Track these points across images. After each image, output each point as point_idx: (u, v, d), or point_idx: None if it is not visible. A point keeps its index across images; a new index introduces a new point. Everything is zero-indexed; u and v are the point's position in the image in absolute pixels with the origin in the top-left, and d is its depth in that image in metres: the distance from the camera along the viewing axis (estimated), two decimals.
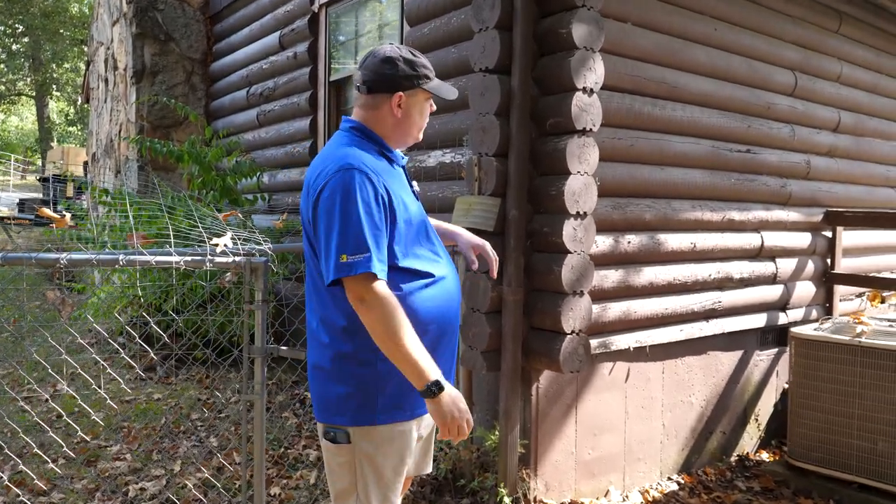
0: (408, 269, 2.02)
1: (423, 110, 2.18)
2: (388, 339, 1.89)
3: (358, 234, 1.88)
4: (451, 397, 1.92)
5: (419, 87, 2.11)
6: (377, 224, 1.92)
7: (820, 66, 5.06)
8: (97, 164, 8.82)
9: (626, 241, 3.87)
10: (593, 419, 3.92)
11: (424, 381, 1.89)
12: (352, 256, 1.87)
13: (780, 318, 4.87)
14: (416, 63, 2.10)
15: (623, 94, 3.80)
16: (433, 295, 2.07)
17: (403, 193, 2.07)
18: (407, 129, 2.15)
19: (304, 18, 5.74)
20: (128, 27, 7.18)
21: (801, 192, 4.95)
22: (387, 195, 1.96)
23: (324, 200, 1.94)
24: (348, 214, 1.89)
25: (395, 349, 1.89)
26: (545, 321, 3.50)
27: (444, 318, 2.12)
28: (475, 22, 3.53)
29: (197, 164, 5.55)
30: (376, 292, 1.88)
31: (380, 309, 1.88)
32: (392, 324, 1.88)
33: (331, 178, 1.95)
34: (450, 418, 1.91)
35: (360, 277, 1.87)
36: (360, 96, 2.14)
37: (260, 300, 2.48)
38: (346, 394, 2.02)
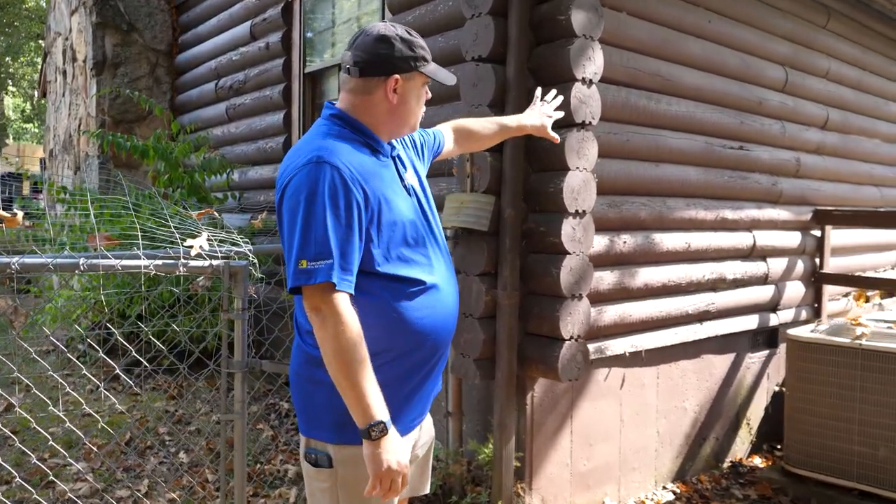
0: (392, 276, 1.79)
1: (420, 97, 1.95)
2: (337, 362, 1.66)
3: (321, 237, 1.66)
4: (393, 446, 1.69)
5: (417, 70, 1.88)
6: (346, 227, 1.69)
7: (809, 62, 4.96)
8: (55, 160, 8.41)
9: (621, 241, 3.69)
10: (589, 428, 3.73)
11: (368, 420, 1.66)
12: (312, 263, 1.65)
13: (772, 320, 4.75)
14: (413, 43, 1.88)
15: (619, 87, 3.63)
16: (424, 304, 1.84)
17: (389, 191, 1.83)
18: (403, 117, 1.92)
19: (276, 7, 5.46)
20: (87, 16, 6.81)
21: (791, 191, 4.84)
22: (362, 194, 1.73)
23: (288, 198, 1.73)
24: (312, 214, 1.67)
25: (343, 374, 1.66)
26: (542, 326, 3.30)
27: (438, 331, 1.89)
28: (467, 7, 3.32)
29: (163, 160, 5.24)
30: (334, 305, 1.66)
31: (334, 325, 1.65)
32: (345, 344, 1.65)
33: (297, 173, 1.72)
34: (384, 469, 1.69)
35: (318, 287, 1.66)
36: (350, 80, 1.89)
37: (240, 308, 2.23)
38: (326, 405, 1.81)
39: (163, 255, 2.17)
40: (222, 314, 2.24)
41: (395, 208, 1.81)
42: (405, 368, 1.85)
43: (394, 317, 1.79)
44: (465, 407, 3.65)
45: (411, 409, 1.91)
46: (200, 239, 2.18)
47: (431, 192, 2.07)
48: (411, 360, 1.85)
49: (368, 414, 1.66)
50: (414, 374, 1.88)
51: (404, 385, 1.86)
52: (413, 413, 1.92)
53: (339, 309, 1.66)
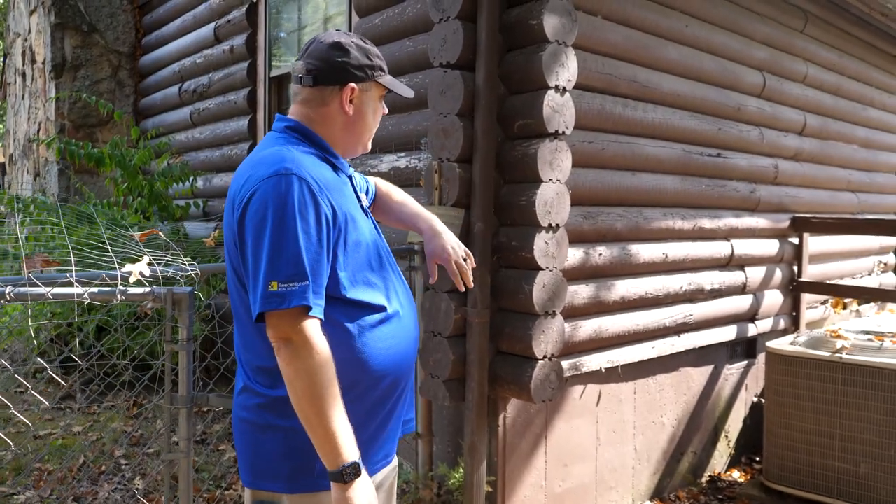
0: (357, 302, 1.63)
1: (377, 111, 1.81)
2: (307, 399, 1.49)
3: (294, 256, 1.49)
4: (365, 486, 1.54)
5: (374, 80, 1.74)
6: (316, 246, 1.53)
7: (787, 67, 4.88)
8: (15, 166, 8.12)
9: (597, 254, 3.56)
10: (564, 448, 3.60)
11: (340, 462, 1.50)
12: (284, 285, 1.48)
13: (750, 330, 4.66)
14: (370, 52, 1.75)
15: (594, 94, 3.50)
16: (389, 335, 1.69)
17: (353, 209, 1.69)
18: (358, 131, 1.78)
19: (241, 8, 5.27)
20: (46, 17, 6.56)
21: (769, 198, 4.75)
22: (331, 210, 1.58)
23: (252, 214, 1.54)
24: (283, 232, 1.50)
25: (314, 413, 1.49)
26: (514, 345, 3.15)
27: (402, 363, 1.75)
28: (434, 11, 3.16)
29: (120, 167, 5.02)
30: (307, 336, 1.49)
31: (308, 358, 1.48)
32: (318, 378, 1.48)
33: (261, 185, 1.55)
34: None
35: (290, 313, 1.48)
36: (302, 90, 1.74)
37: (185, 338, 2.06)
38: (280, 452, 1.62)
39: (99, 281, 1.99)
40: (165, 345, 2.06)
41: (359, 227, 1.68)
42: (368, 406, 1.69)
43: (355, 347, 1.63)
44: (436, 428, 3.49)
45: (378, 449, 1.76)
46: (140, 264, 2.00)
47: None
48: (372, 396, 1.69)
49: (341, 456, 1.50)
50: (377, 412, 1.72)
51: (369, 424, 1.71)
52: (380, 454, 1.78)
53: (314, 339, 1.50)
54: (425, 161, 3.50)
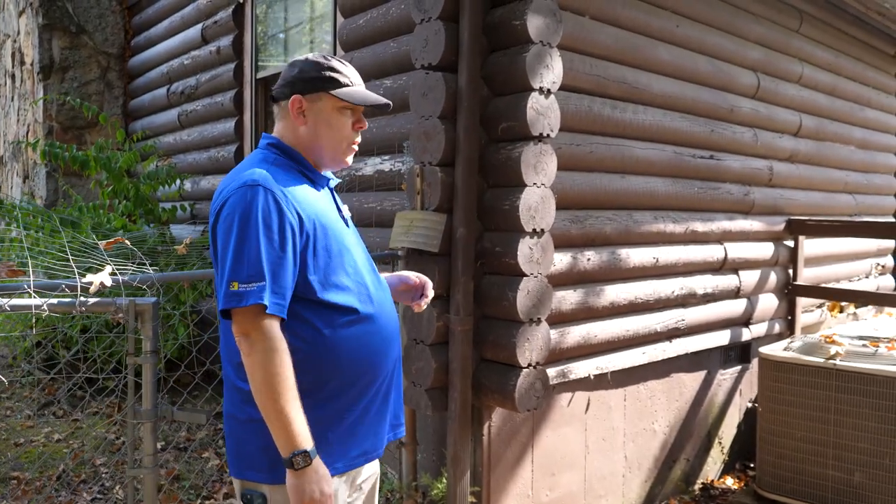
0: (328, 304, 1.75)
1: (336, 121, 1.85)
2: (263, 389, 1.62)
3: (254, 259, 1.64)
4: (317, 474, 1.66)
5: (323, 91, 1.83)
6: (279, 251, 1.67)
7: (782, 68, 4.80)
8: (5, 168, 8.06)
9: (585, 259, 3.49)
10: (551, 457, 3.53)
11: (292, 448, 1.63)
12: (244, 285, 1.63)
13: (744, 335, 4.58)
14: (322, 65, 1.85)
15: (581, 95, 3.43)
16: (360, 336, 1.79)
17: (326, 218, 1.80)
18: (320, 142, 1.85)
19: (227, 9, 5.19)
20: (34, 18, 6.49)
21: (763, 200, 4.68)
22: (297, 219, 1.71)
23: (222, 220, 1.71)
24: (245, 237, 1.65)
25: (269, 402, 1.62)
26: (498, 353, 3.08)
27: (377, 365, 1.84)
28: (416, 11, 3.09)
29: (105, 170, 4.94)
30: (264, 331, 1.63)
31: (263, 352, 1.62)
32: (271, 369, 1.62)
33: (231, 196, 1.71)
34: (308, 499, 1.65)
35: (249, 310, 1.63)
36: (274, 107, 1.92)
37: (149, 351, 1.99)
38: (260, 444, 1.72)
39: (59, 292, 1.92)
40: (128, 358, 1.99)
41: (332, 235, 1.79)
42: (343, 402, 1.79)
43: (330, 346, 1.75)
44: (420, 437, 3.42)
45: (354, 445, 1.83)
46: (102, 274, 1.93)
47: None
48: (349, 393, 1.79)
49: (292, 442, 1.63)
50: (352, 410, 1.80)
51: (343, 419, 1.80)
52: (355, 451, 1.84)
53: (269, 334, 1.63)
54: (409, 165, 3.43)
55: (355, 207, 3.76)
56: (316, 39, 4.49)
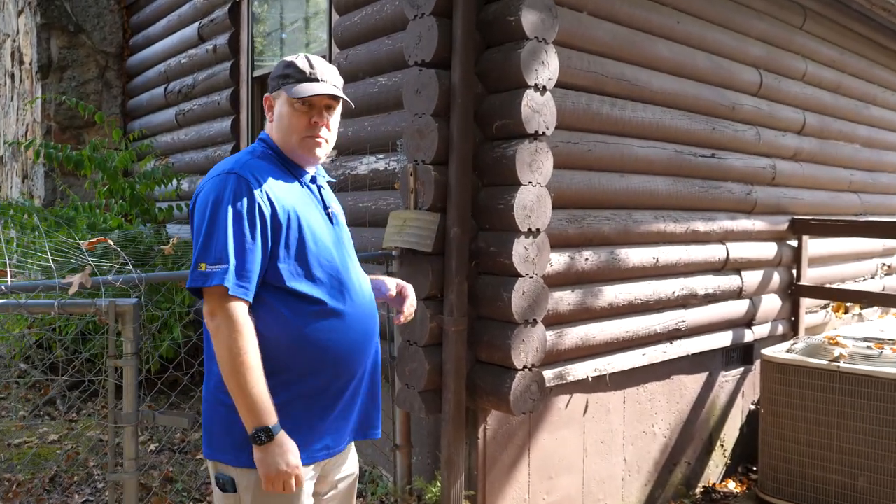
0: (296, 293, 1.81)
1: (290, 117, 1.90)
2: (228, 367, 1.69)
3: (221, 242, 1.71)
4: (281, 448, 1.72)
5: (281, 89, 1.91)
6: (248, 236, 1.74)
7: (785, 65, 4.73)
8: (5, 168, 8.04)
9: (583, 259, 3.43)
10: (549, 460, 3.47)
11: (255, 424, 1.69)
12: (210, 266, 1.71)
13: (746, 336, 4.51)
14: (288, 63, 1.93)
15: (579, 93, 3.37)
16: (327, 329, 1.84)
17: (305, 211, 1.87)
18: (282, 135, 1.92)
19: (224, 7, 5.15)
20: (33, 17, 6.46)
21: (766, 200, 4.61)
22: (269, 206, 1.78)
23: (197, 206, 1.81)
24: (215, 221, 1.73)
25: (234, 380, 1.69)
26: (493, 355, 3.03)
27: (345, 360, 1.88)
28: (409, 7, 3.04)
29: (101, 169, 4.91)
30: (228, 311, 1.70)
31: (227, 331, 1.69)
32: (235, 348, 1.68)
33: (207, 184, 1.81)
34: (274, 471, 1.71)
35: (215, 291, 1.70)
36: None
37: (130, 353, 1.94)
38: (229, 429, 1.80)
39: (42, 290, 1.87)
40: (108, 360, 1.94)
41: (308, 228, 1.84)
42: (306, 392, 1.83)
43: (294, 334, 1.79)
44: (415, 439, 3.37)
45: (316, 439, 1.87)
46: (81, 275, 1.89)
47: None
48: (312, 383, 1.83)
49: (256, 418, 1.69)
50: (316, 400, 1.85)
51: (305, 410, 1.84)
52: (318, 444, 1.87)
53: (234, 315, 1.69)
54: (404, 163, 3.38)
55: (350, 207, 3.71)
56: (312, 37, 4.44)
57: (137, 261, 3.89)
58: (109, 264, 2.05)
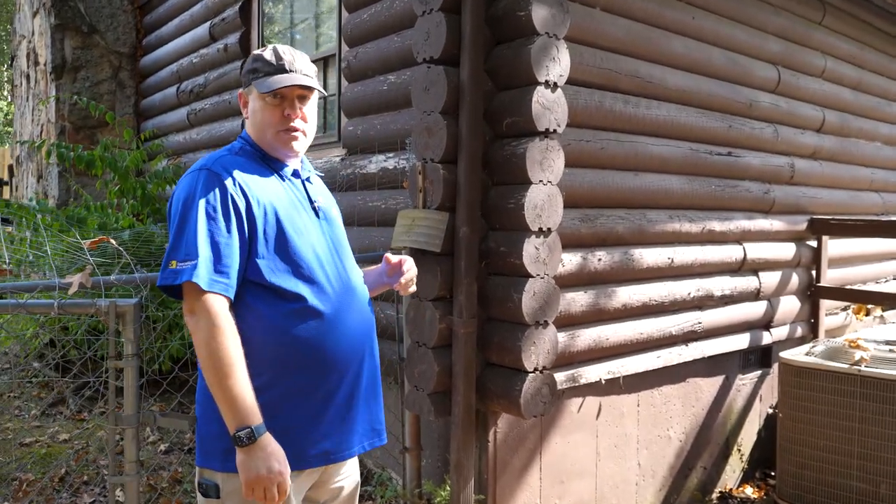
0: (275, 289, 1.74)
1: (263, 111, 1.85)
2: (208, 365, 1.62)
3: (191, 239, 1.66)
4: (264, 451, 1.63)
5: (251, 84, 1.87)
6: (223, 230, 1.68)
7: (803, 61, 4.64)
8: (21, 167, 8.09)
9: (596, 259, 3.36)
10: (561, 464, 3.41)
11: (237, 424, 1.61)
12: (181, 263, 1.65)
13: (764, 338, 4.42)
14: (256, 57, 1.89)
15: (591, 90, 3.30)
16: (310, 329, 1.76)
17: (285, 206, 1.80)
18: (259, 132, 1.87)
19: (234, 6, 5.14)
20: (47, 18, 6.49)
21: (784, 199, 4.51)
22: (244, 200, 1.72)
23: (171, 204, 1.78)
24: (187, 218, 1.69)
25: (214, 379, 1.62)
26: (503, 357, 2.97)
27: (333, 360, 1.80)
28: (418, 3, 2.99)
29: (112, 169, 4.91)
30: (207, 307, 1.63)
31: (206, 327, 1.62)
32: (216, 345, 1.61)
33: (182, 181, 1.78)
34: (254, 476, 1.62)
35: (190, 287, 1.64)
36: None
37: (130, 354, 1.91)
38: (216, 433, 1.72)
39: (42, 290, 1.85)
40: (108, 361, 1.91)
41: (288, 223, 1.79)
42: (292, 391, 1.76)
43: (274, 331, 1.74)
44: (425, 442, 3.32)
45: (311, 444, 1.79)
46: (81, 275, 1.86)
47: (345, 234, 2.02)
48: (297, 382, 1.76)
49: (238, 418, 1.61)
50: (304, 401, 1.77)
51: (295, 411, 1.76)
52: (312, 449, 1.79)
53: (212, 310, 1.63)
54: (412, 161, 3.33)
55: (359, 206, 3.67)
56: (322, 35, 4.41)
57: (148, 260, 3.86)
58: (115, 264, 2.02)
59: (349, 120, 3.87)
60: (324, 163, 4.08)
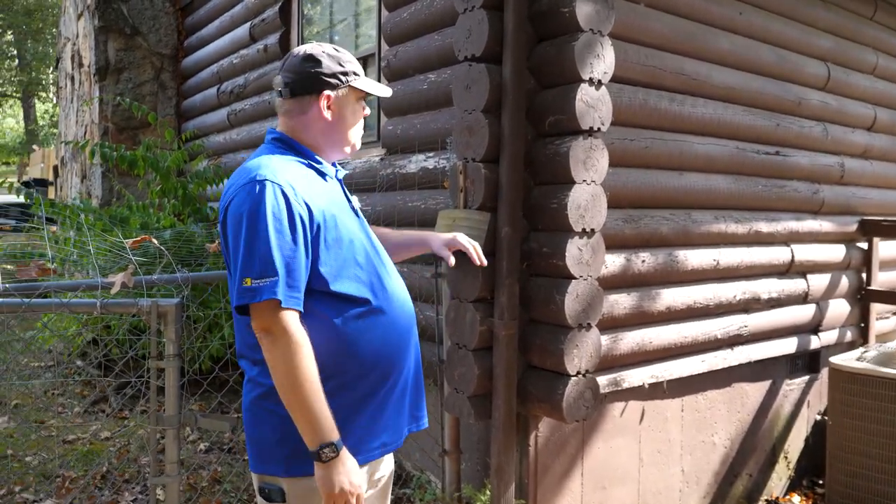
0: (339, 295, 1.75)
1: (356, 112, 1.92)
2: (287, 383, 1.63)
3: (265, 254, 1.63)
4: (345, 467, 1.67)
5: (348, 85, 1.87)
6: (291, 244, 1.67)
7: (854, 57, 4.50)
8: (65, 168, 8.26)
9: (639, 260, 3.29)
10: (602, 469, 3.34)
11: (318, 441, 1.63)
12: (256, 280, 1.63)
13: (812, 342, 4.29)
14: (341, 59, 1.88)
15: (636, 88, 3.23)
16: (373, 327, 1.79)
17: (336, 209, 1.81)
18: (341, 134, 1.89)
19: (274, 7, 5.16)
20: (91, 20, 6.60)
21: (834, 199, 4.38)
22: (307, 210, 1.71)
23: (230, 217, 1.72)
24: (255, 232, 1.65)
25: (295, 396, 1.63)
26: (545, 360, 2.92)
27: (391, 356, 1.84)
28: (459, 1, 2.95)
29: (154, 169, 4.97)
30: (284, 325, 1.63)
31: (285, 346, 1.62)
32: (295, 363, 1.62)
33: (238, 192, 1.72)
34: (337, 490, 1.66)
35: (266, 305, 1.63)
36: (283, 102, 1.89)
37: (172, 354, 1.90)
38: (277, 438, 1.75)
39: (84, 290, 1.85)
40: (150, 361, 1.91)
41: (342, 226, 1.79)
42: (358, 395, 1.79)
43: (340, 338, 1.75)
44: (464, 445, 3.28)
45: (373, 437, 1.84)
46: (124, 274, 1.85)
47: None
48: (363, 386, 1.79)
49: (319, 435, 1.63)
50: (368, 402, 1.81)
51: (361, 412, 1.80)
52: (375, 442, 1.84)
53: (290, 328, 1.63)
54: (452, 161, 3.29)
55: (399, 206, 3.64)
56: (361, 35, 4.40)
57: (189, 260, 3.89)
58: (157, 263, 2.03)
59: (389, 119, 3.85)
60: (363, 163, 4.06)
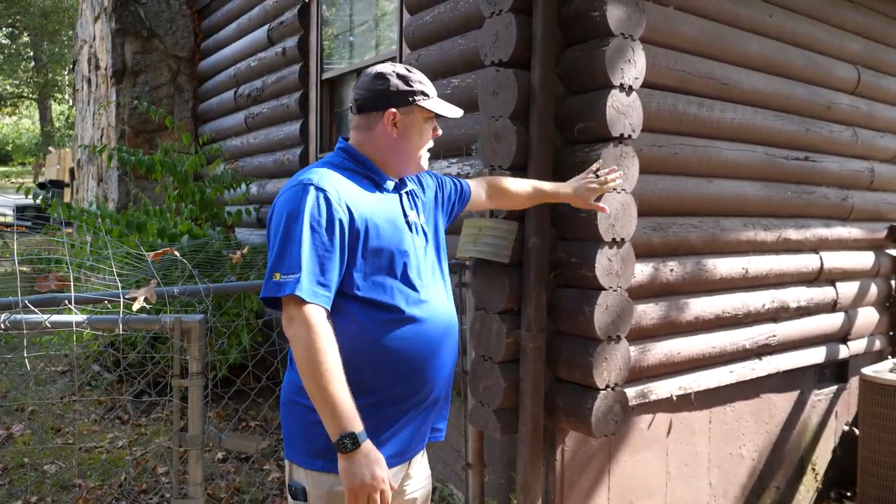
0: (369, 301, 1.78)
1: (423, 132, 1.95)
2: (307, 372, 1.64)
3: (295, 252, 1.69)
4: (367, 458, 1.64)
5: (415, 104, 1.90)
6: (324, 245, 1.71)
7: (885, 60, 4.41)
8: (82, 171, 8.25)
9: (667, 269, 3.21)
10: (629, 483, 3.26)
11: (339, 430, 1.63)
12: (284, 276, 1.68)
13: (841, 352, 4.20)
14: (410, 79, 1.91)
15: (665, 93, 3.16)
16: (402, 336, 1.81)
17: (381, 220, 1.83)
18: (405, 151, 1.92)
19: (293, 9, 5.11)
20: (108, 23, 6.58)
21: (864, 205, 4.28)
22: (348, 215, 1.76)
23: (274, 216, 1.80)
24: (291, 231, 1.71)
25: (314, 385, 1.63)
26: (573, 373, 2.84)
27: (420, 368, 1.84)
28: (486, 4, 2.88)
29: (171, 173, 4.92)
30: (306, 316, 1.66)
31: (306, 334, 1.65)
32: (314, 351, 1.63)
33: (285, 193, 1.79)
34: (359, 483, 1.64)
35: (291, 299, 1.67)
36: (353, 117, 1.96)
37: (196, 372, 1.84)
38: (303, 432, 1.80)
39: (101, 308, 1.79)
40: (173, 380, 1.85)
41: (385, 237, 1.82)
42: (378, 399, 1.80)
43: (369, 341, 1.77)
44: (488, 458, 3.21)
45: (390, 444, 1.83)
46: (147, 289, 1.80)
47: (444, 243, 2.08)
48: (389, 391, 1.81)
49: (340, 425, 1.63)
50: (392, 407, 1.83)
51: (385, 418, 1.82)
52: (391, 449, 1.83)
53: (312, 319, 1.66)
54: (478, 168, 3.23)
55: None
56: (382, 38, 4.34)
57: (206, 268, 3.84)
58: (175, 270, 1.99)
59: None
60: None
